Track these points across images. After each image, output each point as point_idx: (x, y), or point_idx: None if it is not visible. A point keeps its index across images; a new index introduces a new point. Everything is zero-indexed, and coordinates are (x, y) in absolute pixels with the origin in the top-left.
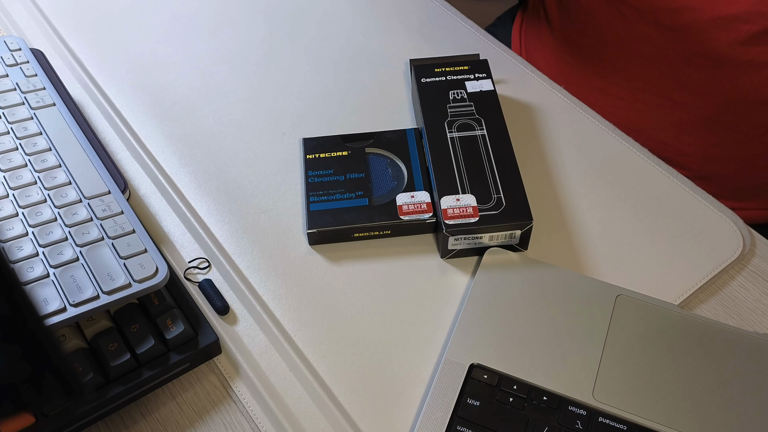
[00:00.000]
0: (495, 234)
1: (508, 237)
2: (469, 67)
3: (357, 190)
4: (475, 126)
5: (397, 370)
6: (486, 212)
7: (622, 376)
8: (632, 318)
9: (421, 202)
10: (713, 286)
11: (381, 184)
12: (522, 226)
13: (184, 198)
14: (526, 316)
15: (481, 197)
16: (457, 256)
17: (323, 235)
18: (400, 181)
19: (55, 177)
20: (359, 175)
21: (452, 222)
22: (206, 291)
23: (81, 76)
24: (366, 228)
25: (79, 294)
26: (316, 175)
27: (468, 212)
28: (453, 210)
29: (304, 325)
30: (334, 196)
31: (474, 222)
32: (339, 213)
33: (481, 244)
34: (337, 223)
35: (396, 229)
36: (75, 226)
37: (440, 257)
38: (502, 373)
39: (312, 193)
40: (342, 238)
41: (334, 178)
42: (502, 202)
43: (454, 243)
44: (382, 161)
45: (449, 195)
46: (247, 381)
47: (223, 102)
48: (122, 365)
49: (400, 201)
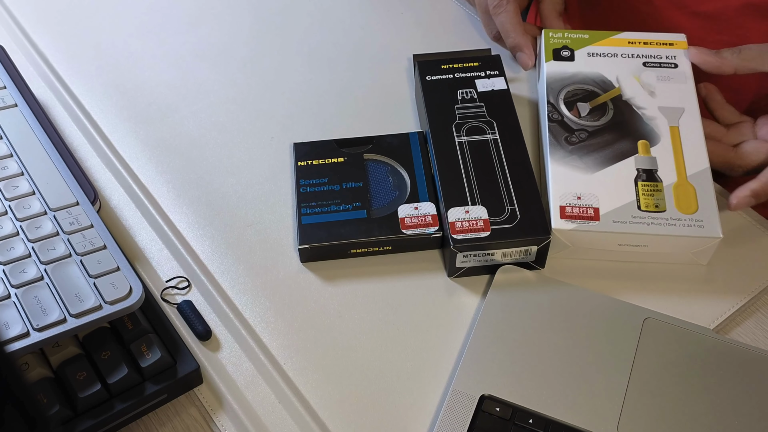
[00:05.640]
0: (509, 250)
1: (523, 254)
2: (480, 64)
3: (354, 201)
4: (487, 129)
5: (398, 402)
6: (498, 226)
7: (650, 408)
8: (662, 343)
9: (426, 214)
10: (751, 308)
11: (381, 195)
12: (539, 242)
13: (161, 210)
14: (542, 341)
15: (493, 209)
16: (465, 274)
17: (316, 251)
18: (402, 191)
19: (17, 186)
20: (357, 185)
21: (461, 237)
22: (186, 314)
23: (46, 73)
24: (364, 243)
25: (44, 317)
26: (308, 184)
27: (478, 226)
28: (462, 223)
29: (294, 352)
30: (328, 208)
31: (485, 237)
32: (334, 227)
33: (492, 262)
34: (331, 237)
35: (398, 245)
36: (39, 241)
37: (447, 276)
38: (516, 406)
39: (304, 204)
40: (337, 254)
41: (328, 187)
42: (517, 215)
43: (462, 260)
44: (383, 169)
45: (457, 206)
46: (231, 414)
47: (204, 103)
48: (92, 396)
49: (402, 213)
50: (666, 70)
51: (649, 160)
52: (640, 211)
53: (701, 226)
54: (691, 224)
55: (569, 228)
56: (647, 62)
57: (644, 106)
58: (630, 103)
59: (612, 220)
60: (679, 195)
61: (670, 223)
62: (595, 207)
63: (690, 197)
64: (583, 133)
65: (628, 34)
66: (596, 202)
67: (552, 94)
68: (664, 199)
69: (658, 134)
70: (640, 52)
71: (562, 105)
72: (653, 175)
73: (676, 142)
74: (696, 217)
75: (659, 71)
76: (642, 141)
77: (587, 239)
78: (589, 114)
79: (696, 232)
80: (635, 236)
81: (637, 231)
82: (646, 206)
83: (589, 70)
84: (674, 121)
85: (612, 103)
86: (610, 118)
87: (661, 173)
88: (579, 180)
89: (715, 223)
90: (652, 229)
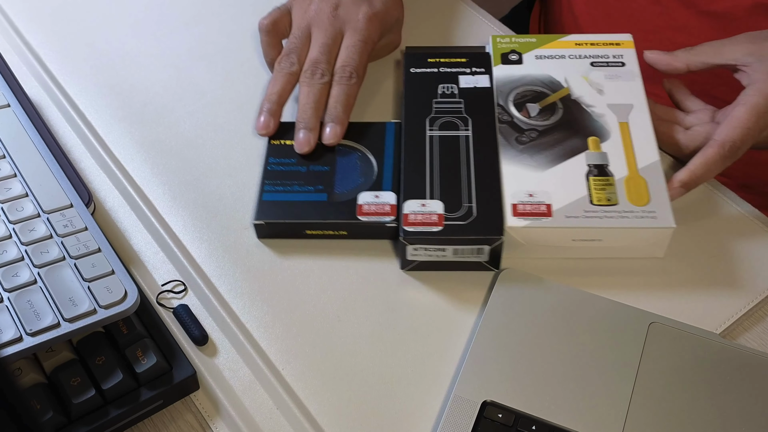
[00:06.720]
0: (460, 248)
1: (476, 252)
2: (468, 60)
3: (317, 183)
4: (460, 125)
5: (399, 409)
6: (452, 222)
7: (655, 414)
8: (667, 349)
9: (386, 203)
10: (759, 313)
11: (345, 180)
12: (491, 242)
13: (157, 212)
14: (546, 346)
15: (450, 205)
16: (419, 268)
17: (272, 228)
18: (367, 179)
19: (10, 188)
20: (323, 168)
21: (412, 229)
22: (182, 318)
23: (39, 73)
24: (319, 225)
25: (37, 322)
26: (276, 162)
27: (432, 220)
28: (416, 216)
29: (293, 357)
30: (291, 188)
31: (437, 231)
32: (292, 206)
33: (444, 258)
34: (287, 216)
35: (353, 231)
36: (32, 244)
37: (400, 268)
38: (519, 412)
39: (268, 181)
40: (293, 234)
41: (295, 168)
42: (473, 213)
43: (413, 253)
44: (353, 155)
45: (415, 199)
46: (228, 420)
47: (201, 103)
48: (86, 402)
49: (361, 200)
50: (614, 69)
51: (599, 156)
52: (592, 206)
53: (654, 217)
54: (643, 216)
55: (522, 225)
56: (595, 62)
57: (593, 104)
58: (579, 102)
59: (565, 216)
60: (631, 188)
61: (622, 216)
62: (548, 203)
63: (641, 190)
64: (533, 132)
65: (575, 36)
66: (548, 199)
67: (501, 97)
68: (615, 193)
69: (607, 130)
70: (588, 53)
71: (511, 106)
72: (604, 170)
73: (625, 137)
74: (648, 208)
75: (607, 70)
76: (592, 137)
77: (541, 236)
78: (539, 114)
79: (649, 224)
80: (589, 230)
81: (591, 225)
82: (598, 200)
83: (537, 72)
84: (623, 117)
85: (561, 102)
86: (560, 117)
87: (613, 168)
88: (531, 178)
89: (667, 214)
90: (605, 222)
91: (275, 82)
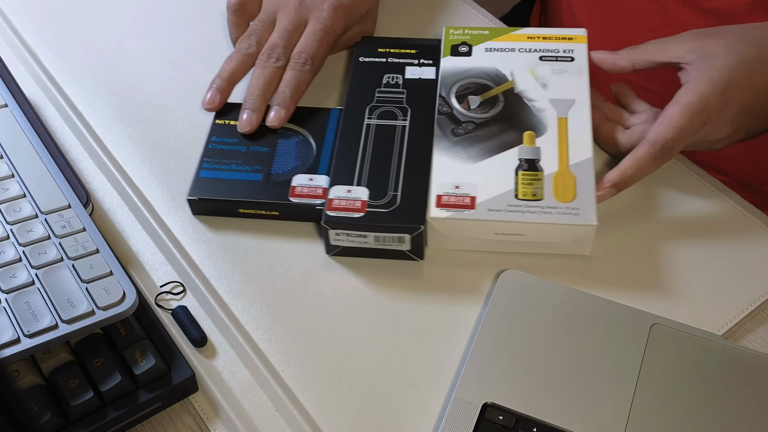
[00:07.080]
0: (381, 235)
1: (397, 241)
2: (417, 52)
3: (255, 164)
4: (399, 115)
5: (399, 411)
6: (375, 209)
7: (657, 416)
8: (669, 350)
9: (319, 186)
10: (762, 314)
11: (283, 162)
12: (411, 230)
13: (155, 213)
14: (547, 347)
15: (375, 192)
16: (343, 254)
17: (206, 204)
18: (305, 162)
19: (8, 189)
20: (263, 149)
21: (334, 214)
22: (181, 320)
23: (37, 73)
24: (251, 204)
25: (35, 323)
26: (218, 141)
27: (355, 206)
28: (340, 201)
29: (292, 359)
30: (229, 166)
31: (358, 218)
32: (227, 184)
33: (367, 245)
34: (221, 194)
35: (284, 211)
36: (30, 245)
37: (325, 253)
38: (520, 414)
39: (208, 159)
40: (227, 212)
41: (236, 148)
42: (396, 201)
43: (336, 238)
44: (294, 138)
45: (342, 185)
46: (227, 422)
47: (199, 103)
48: (84, 404)
49: (295, 182)
50: (561, 64)
51: (532, 150)
52: (516, 200)
53: (576, 214)
54: (566, 212)
55: (443, 216)
56: (544, 56)
57: (535, 98)
58: (521, 96)
59: (487, 209)
60: (558, 184)
61: (545, 212)
62: (472, 196)
63: (568, 186)
64: (470, 124)
65: (528, 29)
66: (474, 191)
67: (444, 88)
68: (542, 189)
69: (545, 125)
70: (538, 47)
71: (452, 98)
72: (534, 165)
73: (562, 132)
74: (573, 205)
75: (554, 65)
76: (527, 132)
77: (463, 228)
78: (479, 106)
79: (570, 220)
80: (510, 224)
81: (511, 219)
82: (523, 195)
83: (484, 65)
84: (563, 112)
85: (503, 95)
86: (499, 111)
87: (544, 163)
88: (460, 170)
89: (590, 211)
90: (526, 217)
91: (230, 60)
